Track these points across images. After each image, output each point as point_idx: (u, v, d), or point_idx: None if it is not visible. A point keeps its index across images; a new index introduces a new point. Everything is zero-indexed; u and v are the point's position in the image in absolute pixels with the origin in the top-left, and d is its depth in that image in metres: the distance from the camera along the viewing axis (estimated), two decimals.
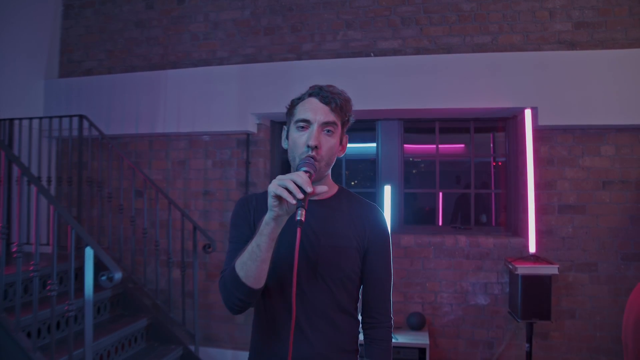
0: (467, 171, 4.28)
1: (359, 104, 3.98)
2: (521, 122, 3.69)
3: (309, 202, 1.34)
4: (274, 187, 1.10)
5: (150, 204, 3.92)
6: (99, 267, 2.49)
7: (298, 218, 1.08)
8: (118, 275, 2.37)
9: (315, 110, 1.31)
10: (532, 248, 3.37)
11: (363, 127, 4.27)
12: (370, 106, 3.71)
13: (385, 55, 3.87)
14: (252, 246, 1.19)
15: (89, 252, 2.44)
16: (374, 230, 1.41)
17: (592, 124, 3.46)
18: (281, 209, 1.13)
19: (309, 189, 1.08)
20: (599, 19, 3.56)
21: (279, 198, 1.11)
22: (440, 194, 4.37)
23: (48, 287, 2.57)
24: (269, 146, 4.25)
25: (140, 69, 4.28)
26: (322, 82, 4.30)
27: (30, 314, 2.64)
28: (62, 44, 4.55)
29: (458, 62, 3.65)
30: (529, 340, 3.27)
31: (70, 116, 3.78)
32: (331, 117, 1.31)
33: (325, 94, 1.32)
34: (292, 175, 1.11)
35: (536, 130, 3.50)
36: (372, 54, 3.90)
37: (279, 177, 1.12)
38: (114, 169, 3.97)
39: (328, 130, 1.31)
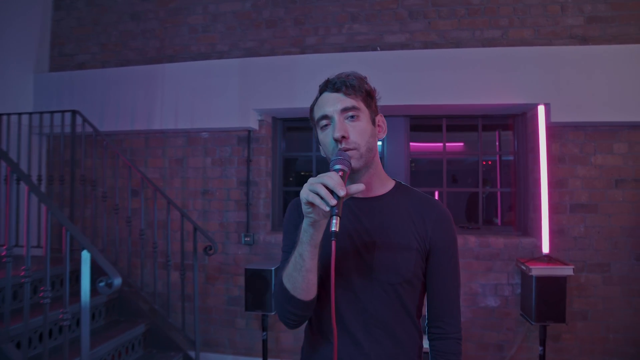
0: (464, 170, 4.19)
1: None
2: (531, 119, 3.59)
3: (361, 201, 1.27)
4: (305, 193, 1.02)
5: (146, 203, 3.75)
6: (94, 270, 2.33)
7: (332, 229, 0.98)
8: (118, 281, 2.22)
9: (329, 103, 1.21)
10: (545, 248, 3.28)
11: None
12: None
13: (392, 49, 3.74)
14: (295, 256, 1.12)
15: (85, 256, 2.28)
16: (438, 229, 1.25)
17: (604, 121, 3.37)
18: (317, 215, 1.04)
19: (341, 192, 0.99)
20: (611, 14, 3.47)
21: (311, 204, 1.01)
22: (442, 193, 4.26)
23: (41, 294, 2.39)
24: (271, 143, 4.10)
25: (135, 63, 4.10)
26: (327, 76, 4.14)
27: (20, 322, 2.46)
28: (53, 36, 4.36)
29: (467, 56, 3.53)
30: (542, 343, 3.17)
31: (62, 111, 3.60)
32: (348, 102, 1.19)
33: (333, 82, 1.22)
34: (324, 178, 1.01)
35: (548, 128, 3.41)
36: (378, 48, 3.78)
37: (310, 180, 1.03)
38: (109, 167, 3.80)
39: (351, 116, 1.19)
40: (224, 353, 3.92)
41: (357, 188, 1.05)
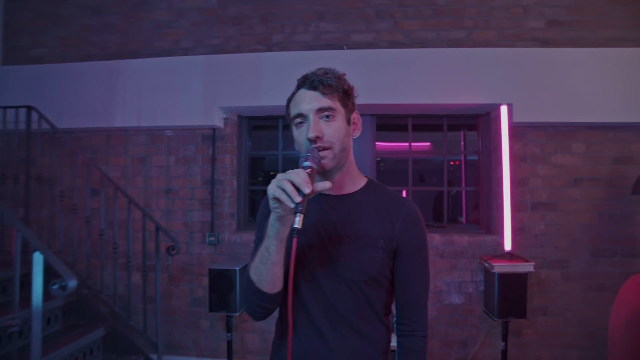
0: (431, 170, 4.23)
1: None
2: (495, 119, 3.67)
3: (332, 198, 1.29)
4: (272, 188, 1.04)
5: (107, 203, 3.63)
6: (49, 273, 2.23)
7: (294, 226, 1.00)
8: (72, 283, 2.12)
9: (306, 101, 1.21)
10: (507, 246, 3.34)
11: None
12: None
13: (359, 48, 3.74)
14: (262, 249, 1.14)
15: (37, 258, 2.17)
16: (406, 227, 1.25)
17: (563, 122, 3.47)
18: (283, 210, 1.06)
19: (306, 190, 1.01)
20: (570, 18, 3.57)
21: (278, 200, 1.03)
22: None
23: None
24: (236, 142, 4.04)
25: (97, 58, 3.96)
26: (294, 74, 4.09)
27: None
28: (5, 28, 4.16)
29: (433, 56, 3.57)
30: (505, 338, 3.23)
31: (17, 107, 3.45)
32: (324, 102, 1.20)
33: (311, 80, 1.22)
34: (290, 175, 1.03)
35: (510, 128, 3.48)
36: (345, 47, 3.77)
37: (278, 175, 1.04)
38: (67, 165, 3.65)
39: (327, 116, 1.20)
40: (188, 355, 3.83)
41: (323, 186, 1.07)
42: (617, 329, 2.14)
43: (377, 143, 4.06)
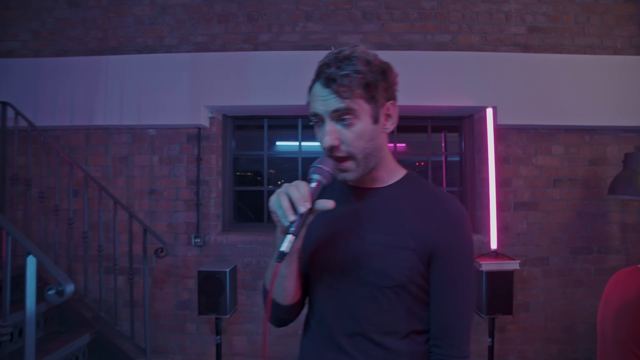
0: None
1: None
2: (478, 121, 3.77)
3: (361, 191, 1.14)
4: (272, 202, 0.96)
5: (89, 204, 3.50)
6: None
7: (281, 249, 0.90)
8: (70, 288, 2.04)
9: (320, 101, 1.03)
10: (493, 244, 3.44)
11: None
12: None
13: None
14: (272, 262, 1.03)
15: (31, 261, 2.08)
16: (444, 229, 1.05)
17: (544, 124, 3.61)
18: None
19: (301, 209, 0.91)
20: (549, 25, 3.72)
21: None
22: None
23: None
24: (221, 142, 3.98)
25: (74, 54, 3.81)
26: (281, 74, 4.11)
27: None
28: None
29: (419, 59, 3.64)
30: (491, 334, 3.33)
31: None
32: (340, 104, 1.00)
33: (325, 74, 1.03)
34: (290, 188, 0.94)
35: (494, 130, 3.58)
36: (332, 48, 3.76)
37: (282, 187, 0.96)
38: (45, 165, 3.50)
39: (343, 119, 1.02)
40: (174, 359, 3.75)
41: (324, 205, 0.95)
42: (607, 322, 2.25)
43: None
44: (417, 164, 4.26)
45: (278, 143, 4.28)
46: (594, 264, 3.64)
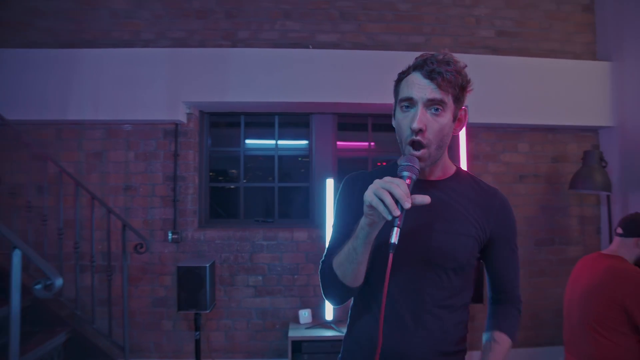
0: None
1: (295, 96, 3.89)
2: None
3: (421, 182, 1.23)
4: (370, 197, 1.00)
5: (64, 200, 3.40)
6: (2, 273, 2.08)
7: (392, 241, 0.98)
8: (59, 282, 2.01)
9: (418, 88, 1.14)
10: None
11: (296, 122, 4.21)
12: (307, 98, 3.69)
13: (324, 48, 3.84)
14: (348, 247, 1.13)
15: (16, 255, 2.03)
16: (500, 217, 1.26)
17: (511, 123, 3.82)
18: (377, 217, 1.03)
19: (407, 205, 0.97)
20: (516, 30, 3.94)
21: (373, 207, 1.00)
22: None
23: None
24: (198, 138, 3.97)
25: (45, 46, 3.69)
26: (259, 71, 4.14)
27: None
28: None
29: (395, 59, 3.68)
30: None
31: None
32: (437, 95, 1.13)
33: (429, 67, 1.14)
34: (391, 185, 0.99)
35: (466, 128, 3.75)
36: (310, 46, 3.85)
37: (377, 182, 1.01)
38: (14, 161, 3.38)
39: (435, 109, 1.14)
40: (150, 358, 3.70)
41: (422, 200, 1.03)
42: (574, 304, 2.44)
43: (339, 142, 4.18)
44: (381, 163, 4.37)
45: (248, 141, 4.25)
46: (556, 254, 3.88)
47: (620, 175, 3.76)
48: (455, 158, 3.78)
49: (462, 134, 3.66)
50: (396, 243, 0.98)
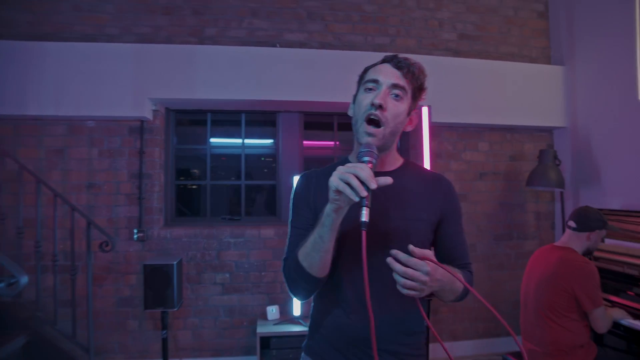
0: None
1: (263, 94, 3.91)
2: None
3: (378, 174, 1.24)
4: (336, 181, 1.04)
5: (24, 198, 3.29)
6: None
7: (362, 219, 1.02)
8: (24, 280, 1.97)
9: (385, 73, 1.26)
10: None
11: (263, 120, 4.22)
12: (274, 97, 3.71)
13: (291, 47, 3.87)
14: (314, 237, 1.16)
15: None
16: (447, 200, 1.36)
17: (471, 123, 3.97)
18: (343, 202, 1.08)
19: (373, 185, 1.02)
20: (476, 33, 4.10)
21: (340, 192, 1.05)
22: None
23: None
24: (164, 135, 3.92)
25: (3, 37, 3.54)
26: (226, 69, 4.23)
27: None
28: None
29: (361, 59, 3.75)
30: (428, 316, 3.60)
31: None
32: (401, 81, 1.25)
33: (399, 61, 1.27)
34: (355, 169, 1.03)
35: (429, 127, 3.87)
36: (278, 45, 3.88)
37: (340, 168, 1.05)
38: None
39: (396, 95, 1.25)
40: (115, 359, 3.63)
41: (385, 181, 1.08)
42: (529, 293, 2.59)
43: (305, 141, 4.23)
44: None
45: (213, 140, 4.23)
46: (514, 249, 4.06)
47: (572, 173, 3.98)
48: (419, 157, 3.90)
49: (426, 133, 3.77)
50: (367, 221, 1.01)
